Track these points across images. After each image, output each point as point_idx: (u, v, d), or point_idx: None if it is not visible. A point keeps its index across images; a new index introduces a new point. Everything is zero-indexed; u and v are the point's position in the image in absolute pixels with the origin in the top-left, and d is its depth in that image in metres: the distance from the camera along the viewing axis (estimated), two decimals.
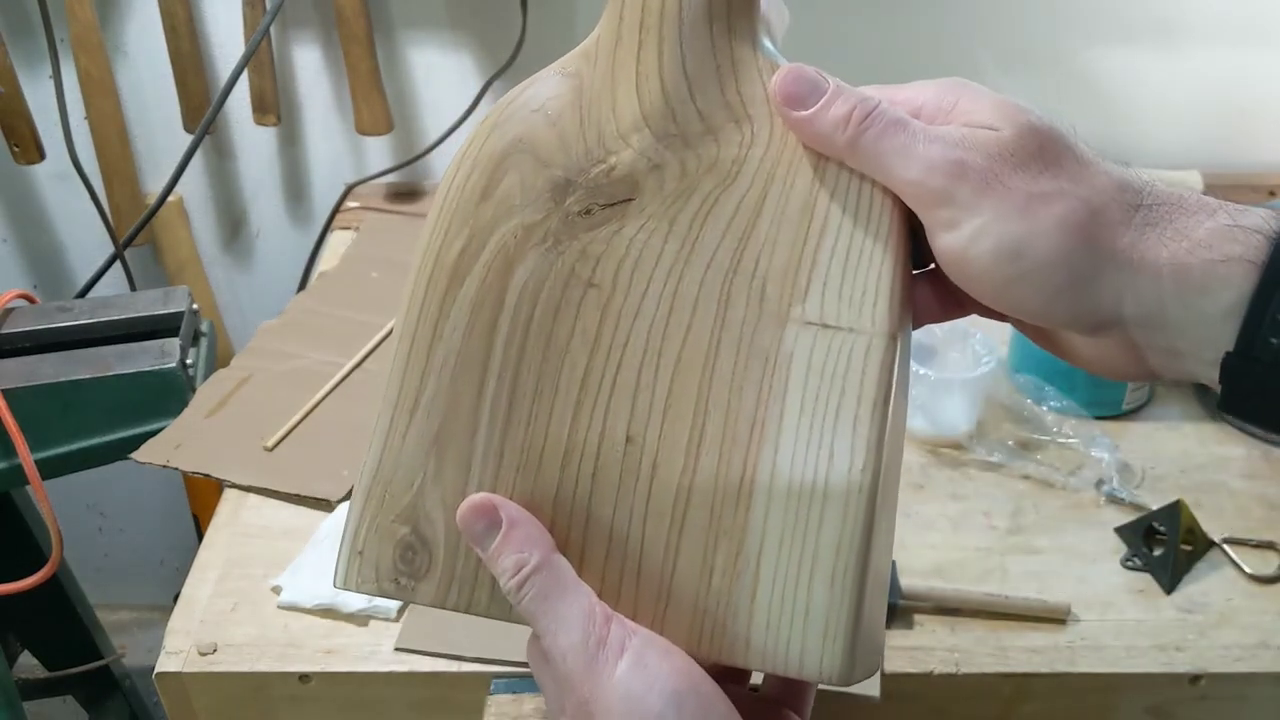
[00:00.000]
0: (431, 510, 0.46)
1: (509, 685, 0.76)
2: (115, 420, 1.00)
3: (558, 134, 0.47)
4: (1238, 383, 0.39)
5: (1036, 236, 0.39)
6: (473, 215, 0.48)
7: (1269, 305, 0.38)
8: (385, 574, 0.47)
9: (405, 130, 1.32)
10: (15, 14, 1.23)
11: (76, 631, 1.28)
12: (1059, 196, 0.40)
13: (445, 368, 0.47)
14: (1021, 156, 0.41)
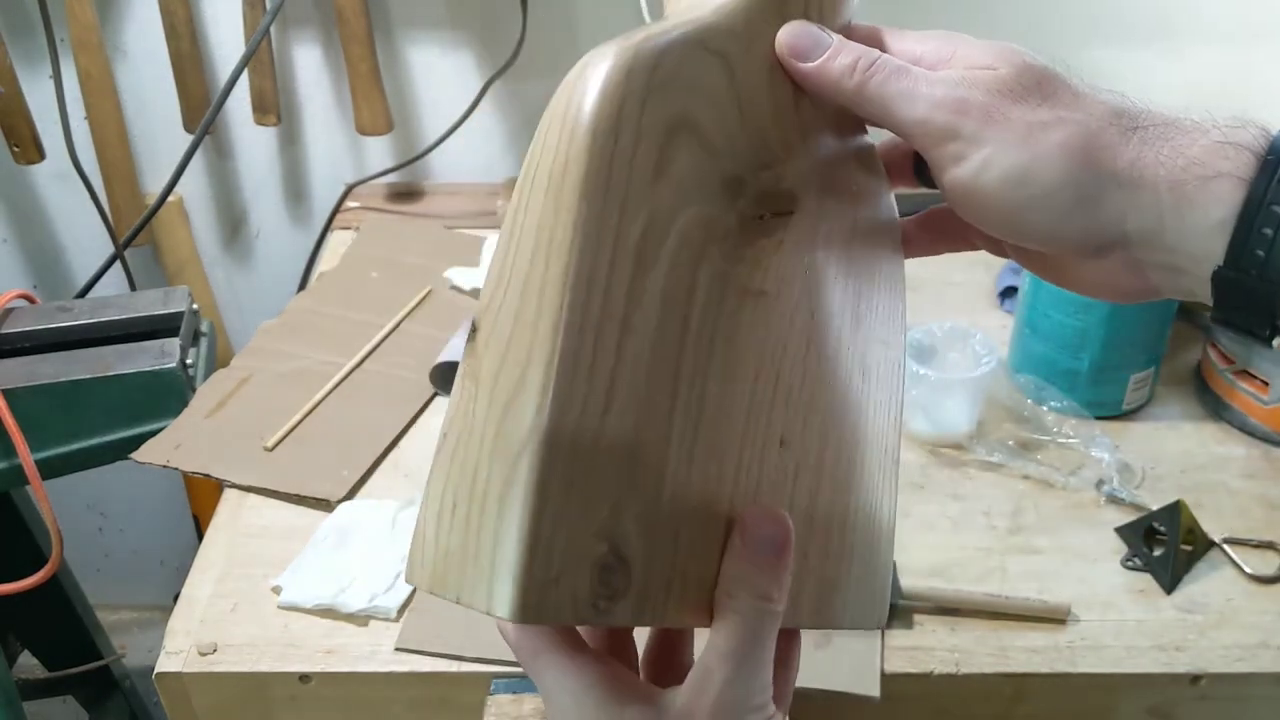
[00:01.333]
0: (628, 523, 0.41)
1: (509, 685, 0.76)
2: (115, 420, 1.00)
3: (721, 122, 0.43)
4: (1227, 295, 0.41)
5: (1040, 161, 0.41)
6: (649, 195, 0.41)
7: (1254, 220, 0.39)
8: (584, 600, 0.40)
9: (405, 130, 1.32)
10: (15, 14, 1.23)
11: (76, 631, 1.28)
12: (1058, 124, 0.42)
13: (639, 365, 0.41)
14: (1020, 91, 0.42)
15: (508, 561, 0.39)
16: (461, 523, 0.41)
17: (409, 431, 0.98)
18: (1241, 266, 0.40)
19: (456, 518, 0.41)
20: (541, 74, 1.28)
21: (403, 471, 0.94)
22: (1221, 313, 0.42)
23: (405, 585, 0.82)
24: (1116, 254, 0.43)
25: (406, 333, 1.08)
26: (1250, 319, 0.41)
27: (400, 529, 0.87)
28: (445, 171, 1.35)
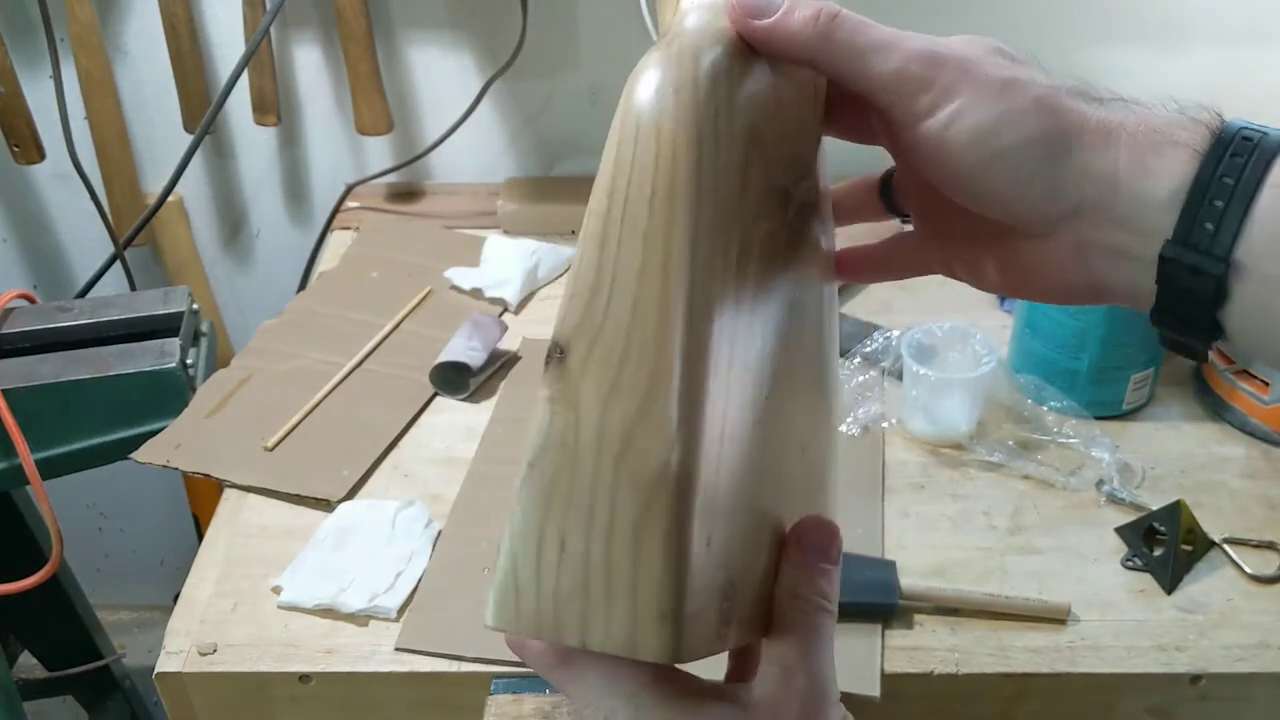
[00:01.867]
0: (733, 546, 0.41)
1: (509, 685, 0.76)
2: (115, 420, 1.00)
3: (772, 134, 0.43)
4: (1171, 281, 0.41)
5: (1013, 114, 0.41)
6: (739, 209, 0.40)
7: (1207, 191, 0.40)
8: (714, 631, 0.40)
9: (405, 130, 1.32)
10: (15, 14, 1.23)
11: (76, 631, 1.28)
12: (1031, 83, 0.42)
13: (744, 387, 0.41)
14: (992, 55, 0.43)
15: (655, 604, 0.38)
16: (577, 562, 0.39)
17: (409, 431, 0.98)
18: (1190, 241, 0.40)
19: (569, 556, 0.39)
20: (541, 74, 1.28)
21: (403, 471, 0.94)
22: (1163, 303, 0.41)
23: (405, 585, 0.83)
24: (1067, 232, 0.43)
25: (406, 333, 1.08)
26: (1193, 310, 0.41)
27: (400, 529, 0.87)
28: (445, 171, 1.35)
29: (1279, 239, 0.39)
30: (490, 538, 0.87)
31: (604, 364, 0.38)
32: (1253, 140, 0.40)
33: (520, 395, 1.01)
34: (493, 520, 0.88)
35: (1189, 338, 0.42)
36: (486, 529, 0.88)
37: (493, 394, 1.02)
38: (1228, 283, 0.39)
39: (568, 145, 1.32)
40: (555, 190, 1.27)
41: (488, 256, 1.17)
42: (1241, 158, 0.40)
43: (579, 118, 1.31)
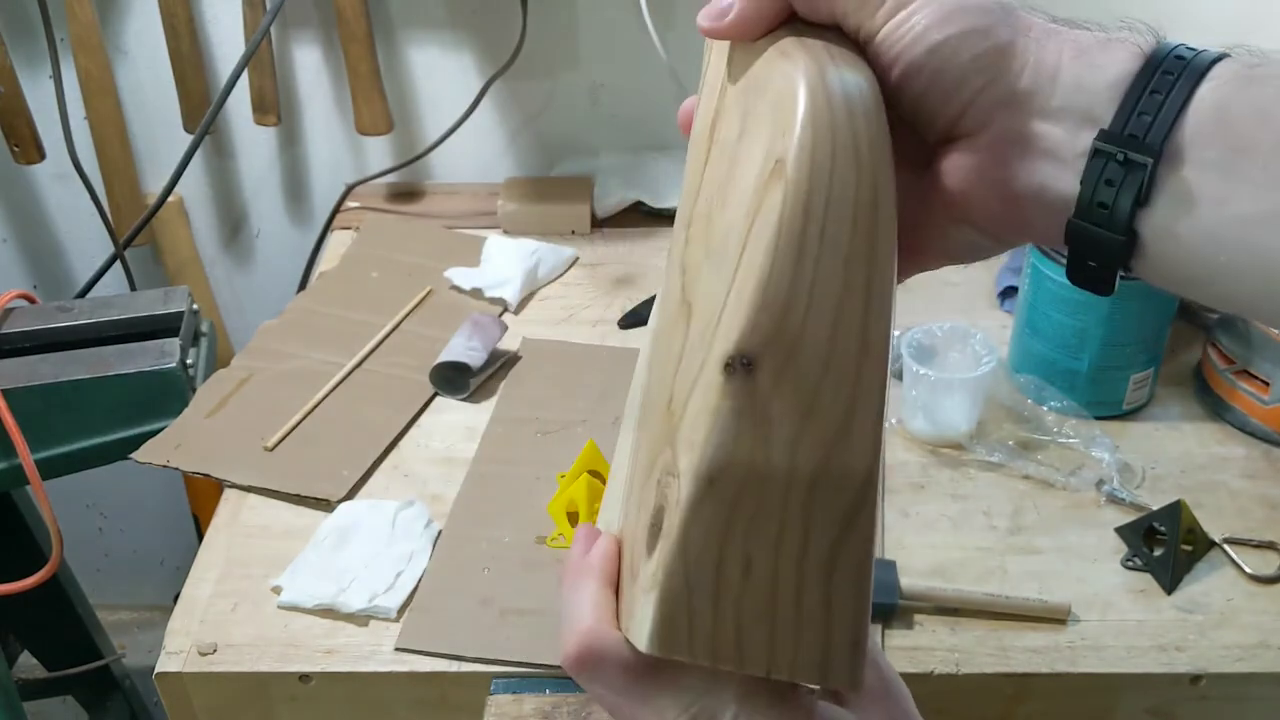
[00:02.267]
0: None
1: (509, 685, 0.76)
2: (115, 420, 1.00)
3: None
4: (1097, 183, 0.40)
5: (964, 9, 0.42)
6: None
7: (1148, 82, 0.41)
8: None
9: (405, 130, 1.32)
10: (15, 14, 1.23)
11: (76, 631, 1.28)
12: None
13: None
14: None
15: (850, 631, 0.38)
16: (765, 586, 0.38)
17: (409, 431, 0.98)
18: (1126, 133, 0.40)
19: (755, 580, 0.38)
20: (541, 74, 1.28)
21: (403, 471, 0.94)
22: (1081, 210, 0.41)
23: (405, 585, 0.83)
24: (995, 125, 0.42)
25: (406, 333, 1.08)
26: (1112, 218, 0.40)
27: (400, 529, 0.87)
28: (445, 171, 1.35)
29: (1216, 124, 0.39)
30: (490, 538, 0.87)
31: (799, 383, 0.37)
32: (1192, 50, 0.42)
33: (521, 395, 1.01)
34: (493, 520, 0.88)
35: (1099, 255, 0.41)
36: (486, 529, 0.88)
37: (493, 394, 1.02)
38: (1157, 175, 0.40)
39: (568, 145, 1.32)
40: (555, 190, 1.27)
41: (488, 256, 1.17)
42: (1184, 59, 0.42)
43: (579, 118, 1.31)
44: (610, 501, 0.51)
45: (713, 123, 0.47)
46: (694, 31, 0.47)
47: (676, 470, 0.39)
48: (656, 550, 0.39)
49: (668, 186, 1.26)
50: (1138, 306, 0.93)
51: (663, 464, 0.40)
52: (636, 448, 0.46)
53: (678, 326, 0.43)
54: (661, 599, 0.38)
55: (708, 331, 0.39)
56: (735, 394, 0.37)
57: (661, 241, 1.22)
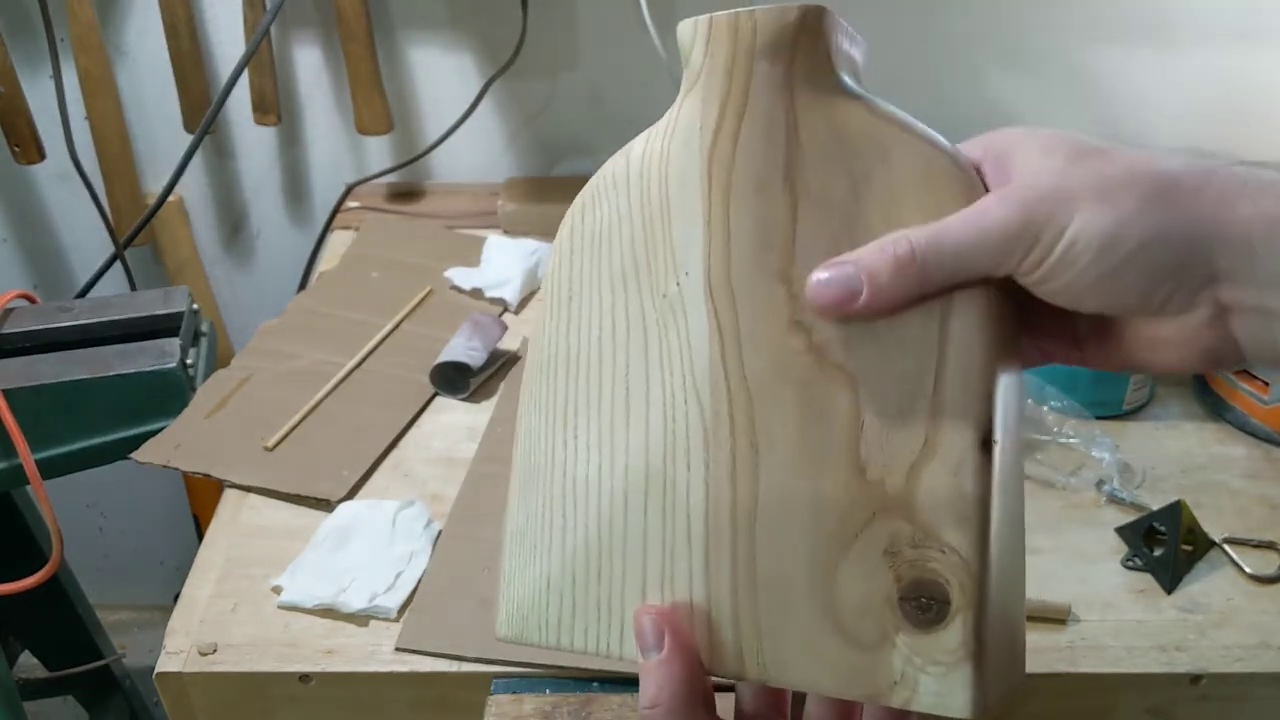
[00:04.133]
0: None
1: (509, 685, 0.76)
2: (115, 420, 1.00)
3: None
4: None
5: (1126, 219, 0.40)
6: None
7: None
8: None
9: (405, 130, 1.32)
10: (15, 14, 1.23)
11: (76, 631, 1.28)
12: (1131, 180, 0.40)
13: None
14: (1081, 164, 0.41)
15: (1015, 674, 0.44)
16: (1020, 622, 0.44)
17: (409, 431, 0.98)
18: None
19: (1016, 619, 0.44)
20: (541, 74, 1.28)
21: (403, 471, 0.94)
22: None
23: (405, 585, 0.83)
24: (1204, 303, 0.41)
25: (406, 333, 1.08)
26: None
27: (400, 529, 0.87)
28: (445, 171, 1.35)
29: None
30: (490, 538, 0.87)
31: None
32: None
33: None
34: (493, 520, 0.88)
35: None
36: (486, 529, 0.88)
37: (493, 394, 1.02)
38: None
39: (568, 145, 1.32)
40: (555, 190, 1.27)
41: (488, 256, 1.17)
42: None
43: (579, 118, 1.31)
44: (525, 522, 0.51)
45: (787, 173, 0.45)
46: None
47: (942, 543, 0.42)
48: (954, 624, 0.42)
49: None
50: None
51: (889, 534, 0.43)
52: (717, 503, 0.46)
53: (818, 390, 0.44)
54: (976, 667, 0.42)
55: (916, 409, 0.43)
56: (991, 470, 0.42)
57: None
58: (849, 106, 0.45)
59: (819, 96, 0.45)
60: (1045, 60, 1.26)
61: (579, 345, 0.50)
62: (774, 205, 0.45)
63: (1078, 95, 1.27)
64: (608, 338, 0.49)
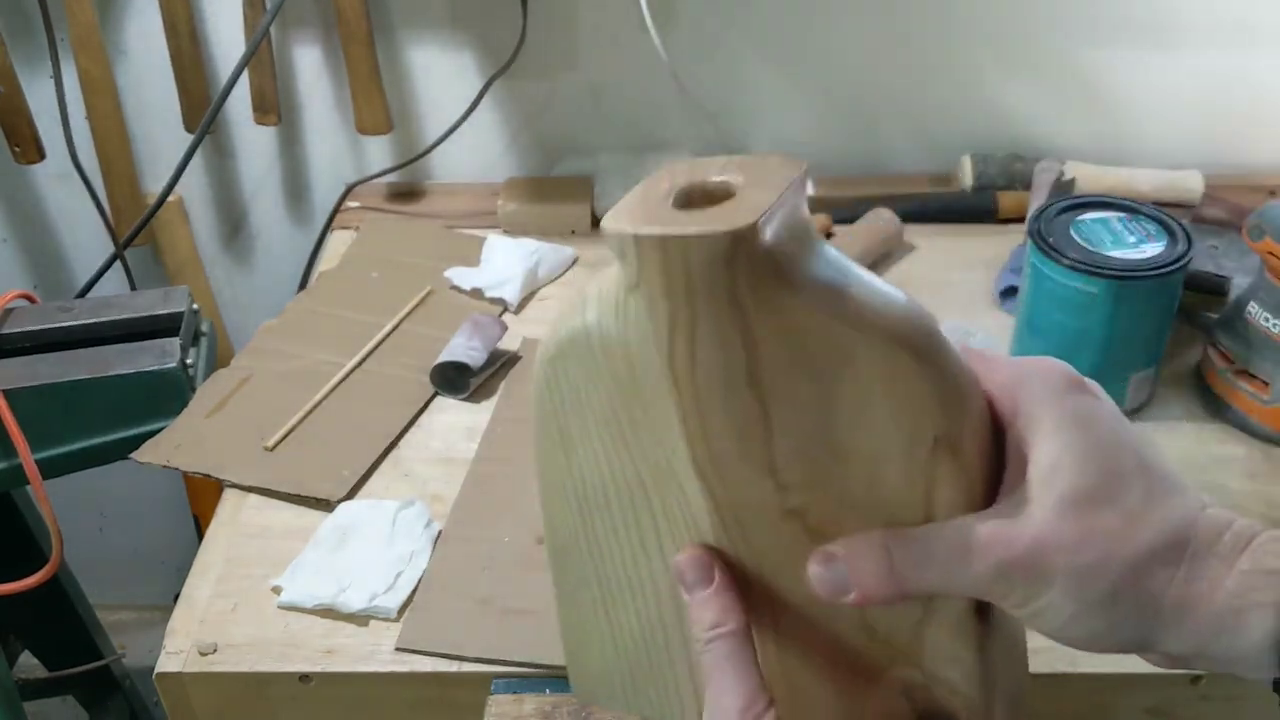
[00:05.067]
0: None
1: (509, 685, 0.76)
2: (115, 420, 1.00)
3: None
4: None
5: (1088, 612, 0.43)
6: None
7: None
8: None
9: (405, 130, 1.32)
10: (15, 14, 1.23)
11: (76, 631, 1.28)
12: (1104, 568, 0.42)
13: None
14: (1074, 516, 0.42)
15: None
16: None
17: (409, 431, 0.98)
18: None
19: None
20: (541, 74, 1.28)
21: (403, 471, 0.94)
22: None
23: (405, 585, 0.83)
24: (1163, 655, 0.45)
25: (406, 333, 1.08)
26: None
27: (400, 529, 0.87)
28: (445, 171, 1.35)
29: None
30: (490, 538, 0.87)
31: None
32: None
33: (521, 395, 1.01)
34: (493, 520, 0.88)
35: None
36: (486, 529, 0.88)
37: (493, 394, 1.02)
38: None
39: (568, 145, 1.32)
40: (555, 190, 1.27)
41: (488, 256, 1.17)
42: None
43: (579, 118, 1.31)
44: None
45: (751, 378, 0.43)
46: (694, 32, 0.47)
47: (950, 686, 0.46)
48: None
49: None
50: (1138, 307, 0.93)
51: (904, 680, 0.47)
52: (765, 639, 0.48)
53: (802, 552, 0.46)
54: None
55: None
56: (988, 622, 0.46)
57: None
58: (804, 311, 0.41)
59: (771, 305, 0.41)
60: (1045, 60, 1.26)
61: (585, 485, 0.49)
62: (745, 404, 0.43)
63: (1079, 95, 1.27)
64: (609, 482, 0.48)
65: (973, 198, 1.24)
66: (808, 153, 1.32)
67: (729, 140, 1.31)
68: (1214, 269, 1.09)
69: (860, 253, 1.14)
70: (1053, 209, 0.97)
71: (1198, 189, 1.22)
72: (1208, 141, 1.30)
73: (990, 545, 0.42)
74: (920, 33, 1.24)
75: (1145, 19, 1.23)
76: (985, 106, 1.28)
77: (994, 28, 1.24)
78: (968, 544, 0.42)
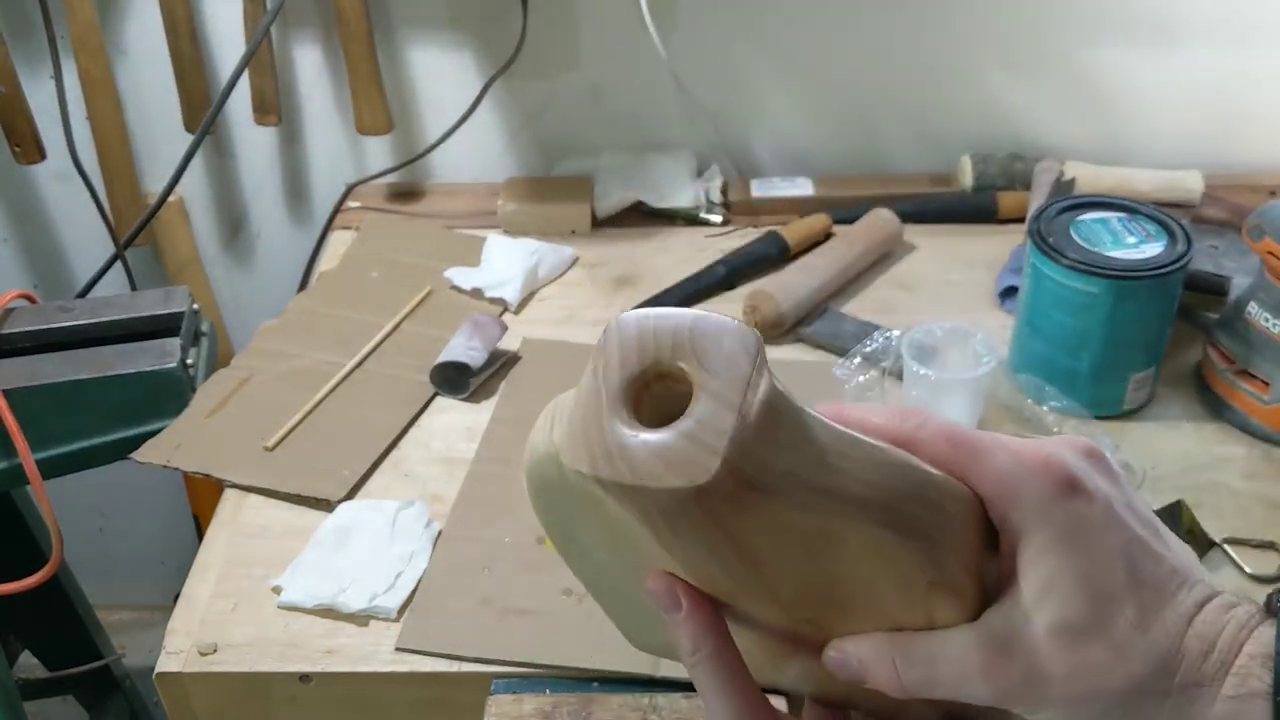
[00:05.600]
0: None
1: (509, 685, 0.76)
2: (115, 420, 1.00)
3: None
4: None
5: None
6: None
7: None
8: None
9: (405, 130, 1.32)
10: (15, 14, 1.23)
11: (76, 631, 1.28)
12: (1092, 699, 0.42)
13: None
14: (1054, 658, 0.42)
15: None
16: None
17: (409, 431, 0.98)
18: None
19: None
20: (541, 74, 1.28)
21: (403, 471, 0.94)
22: None
23: (405, 585, 0.83)
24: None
25: (406, 333, 1.08)
26: None
27: (400, 529, 0.87)
28: (445, 171, 1.35)
29: None
30: (490, 538, 0.87)
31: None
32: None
33: (521, 395, 1.01)
34: (493, 520, 0.88)
35: None
36: (486, 529, 0.88)
37: (493, 394, 1.02)
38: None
39: (568, 145, 1.32)
40: (555, 190, 1.27)
41: (488, 256, 1.17)
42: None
43: (579, 118, 1.31)
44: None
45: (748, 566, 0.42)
46: (694, 31, 0.47)
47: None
48: None
49: (668, 186, 1.26)
50: (1138, 307, 0.93)
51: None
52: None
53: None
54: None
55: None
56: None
57: (661, 241, 1.22)
58: (784, 510, 0.40)
59: (749, 512, 0.39)
60: (1045, 60, 1.26)
61: (597, 583, 0.51)
62: (735, 571, 0.42)
63: (1079, 95, 1.27)
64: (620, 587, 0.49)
65: (973, 198, 1.24)
66: (808, 153, 1.32)
67: (729, 140, 1.31)
68: (1214, 269, 1.09)
69: (860, 253, 1.14)
70: (1053, 209, 0.97)
71: (1198, 189, 1.22)
72: (1208, 141, 1.30)
73: (988, 674, 0.43)
74: (920, 33, 1.24)
75: (1145, 19, 1.23)
76: (985, 106, 1.28)
77: (994, 28, 1.24)
78: (968, 672, 0.43)
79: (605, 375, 0.40)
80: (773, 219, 1.23)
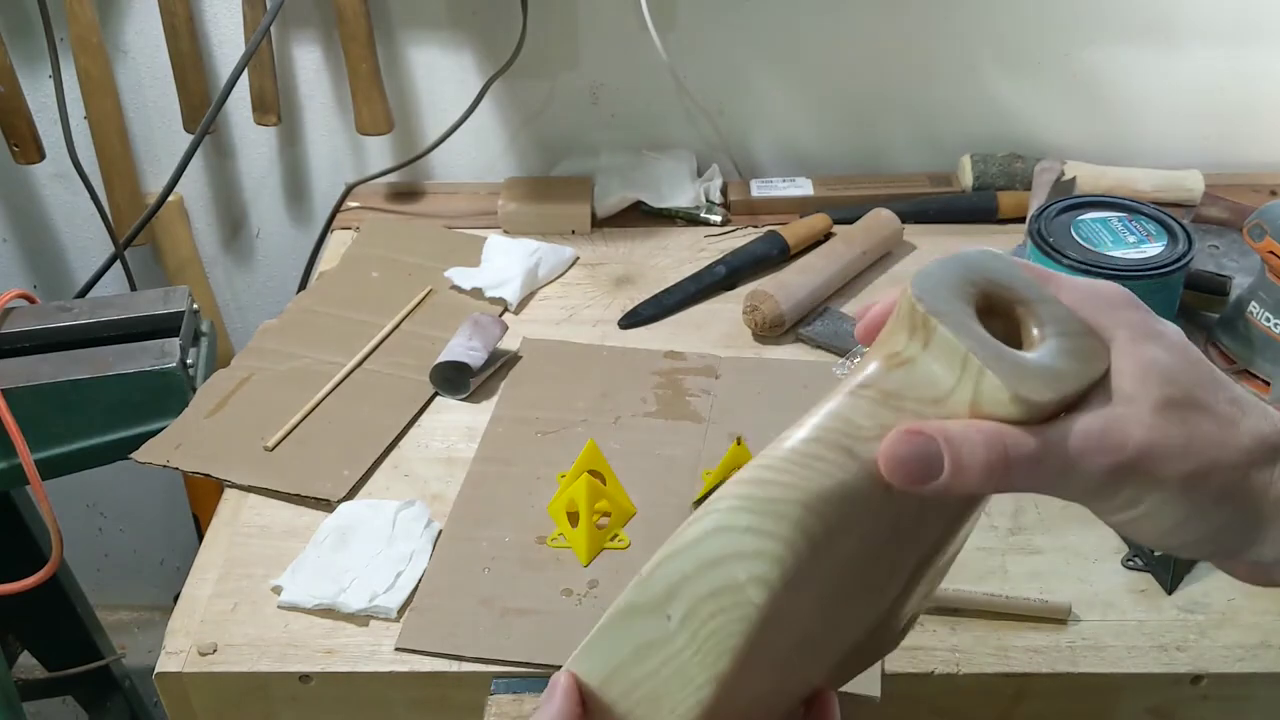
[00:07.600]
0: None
1: (509, 685, 0.76)
2: (115, 420, 1.00)
3: None
4: None
5: (1198, 513, 0.43)
6: None
7: None
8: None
9: (405, 130, 1.32)
10: (15, 14, 1.23)
11: (76, 631, 1.28)
12: (1212, 471, 0.42)
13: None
14: (1167, 430, 0.42)
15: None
16: None
17: (409, 431, 0.98)
18: None
19: None
20: (541, 74, 1.28)
21: (403, 471, 0.94)
22: None
23: (405, 585, 0.83)
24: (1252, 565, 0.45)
25: (406, 333, 1.08)
26: None
27: (400, 529, 0.87)
28: (445, 171, 1.35)
29: None
30: (490, 538, 0.87)
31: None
32: None
33: (521, 395, 1.01)
34: (493, 520, 0.88)
35: None
36: (486, 529, 0.88)
37: (493, 394, 1.02)
38: None
39: (568, 145, 1.32)
40: (555, 190, 1.27)
41: (488, 256, 1.17)
42: None
43: (579, 118, 1.31)
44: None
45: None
46: (694, 32, 0.47)
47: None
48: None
49: (668, 186, 1.26)
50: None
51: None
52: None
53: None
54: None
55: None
56: None
57: (661, 241, 1.22)
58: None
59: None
60: (1045, 60, 1.26)
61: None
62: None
63: (1079, 95, 1.27)
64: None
65: (973, 198, 1.24)
66: (808, 153, 1.32)
67: (729, 140, 1.31)
68: (1214, 269, 1.09)
69: (860, 253, 1.14)
70: (1053, 209, 0.97)
71: (1198, 189, 1.22)
72: (1208, 141, 1.30)
73: (1103, 448, 0.42)
74: (920, 33, 1.24)
75: (1145, 19, 1.23)
76: (985, 106, 1.28)
77: (994, 28, 1.24)
78: (1081, 447, 0.42)
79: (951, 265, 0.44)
80: (772, 219, 1.23)
